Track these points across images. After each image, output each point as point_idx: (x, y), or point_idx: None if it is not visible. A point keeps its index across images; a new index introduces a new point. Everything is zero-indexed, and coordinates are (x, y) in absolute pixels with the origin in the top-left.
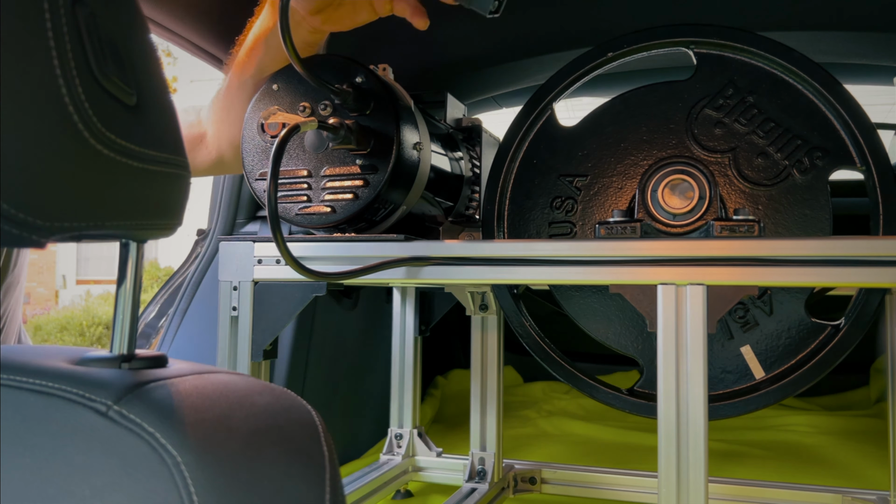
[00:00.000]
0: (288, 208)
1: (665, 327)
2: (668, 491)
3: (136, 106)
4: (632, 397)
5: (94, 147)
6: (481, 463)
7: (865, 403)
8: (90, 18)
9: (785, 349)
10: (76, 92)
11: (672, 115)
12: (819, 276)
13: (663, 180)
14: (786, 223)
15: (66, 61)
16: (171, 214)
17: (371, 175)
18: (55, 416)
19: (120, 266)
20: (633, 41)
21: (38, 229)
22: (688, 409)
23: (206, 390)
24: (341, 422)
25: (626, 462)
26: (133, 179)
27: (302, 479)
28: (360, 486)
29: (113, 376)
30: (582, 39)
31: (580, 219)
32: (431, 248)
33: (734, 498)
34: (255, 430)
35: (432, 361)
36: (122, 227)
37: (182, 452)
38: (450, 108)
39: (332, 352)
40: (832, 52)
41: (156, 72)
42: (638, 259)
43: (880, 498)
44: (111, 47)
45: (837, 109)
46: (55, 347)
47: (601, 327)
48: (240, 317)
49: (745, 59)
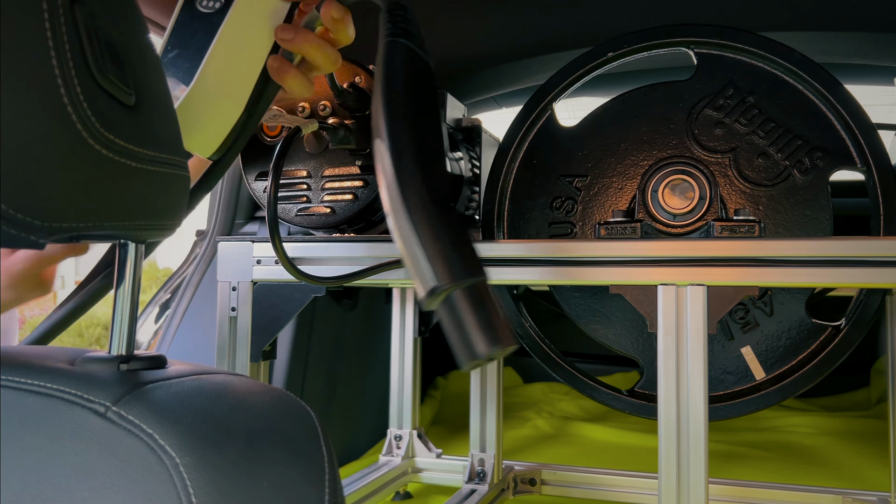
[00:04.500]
0: (287, 209)
1: (665, 328)
2: (668, 492)
3: (135, 106)
4: (632, 398)
5: (93, 147)
6: (481, 464)
7: (866, 404)
8: (89, 18)
9: (785, 350)
10: (75, 92)
11: (672, 115)
12: (819, 277)
13: (663, 180)
14: (786, 223)
15: (64, 61)
16: (171, 215)
17: (371, 175)
18: (54, 417)
19: (119, 267)
20: (633, 41)
21: (36, 230)
22: (688, 410)
23: (205, 391)
24: (340, 423)
25: (626, 463)
26: (132, 180)
27: (301, 480)
28: (359, 487)
29: (111, 377)
30: (582, 39)
31: (580, 219)
32: None
33: (734, 499)
34: (254, 431)
35: (432, 362)
36: (121, 227)
37: (181, 453)
38: (449, 109)
39: (332, 353)
40: (832, 53)
41: (155, 72)
42: (638, 259)
43: (881, 499)
44: (110, 47)
45: (838, 110)
46: (54, 348)
47: (601, 328)
48: (239, 317)
49: (745, 59)
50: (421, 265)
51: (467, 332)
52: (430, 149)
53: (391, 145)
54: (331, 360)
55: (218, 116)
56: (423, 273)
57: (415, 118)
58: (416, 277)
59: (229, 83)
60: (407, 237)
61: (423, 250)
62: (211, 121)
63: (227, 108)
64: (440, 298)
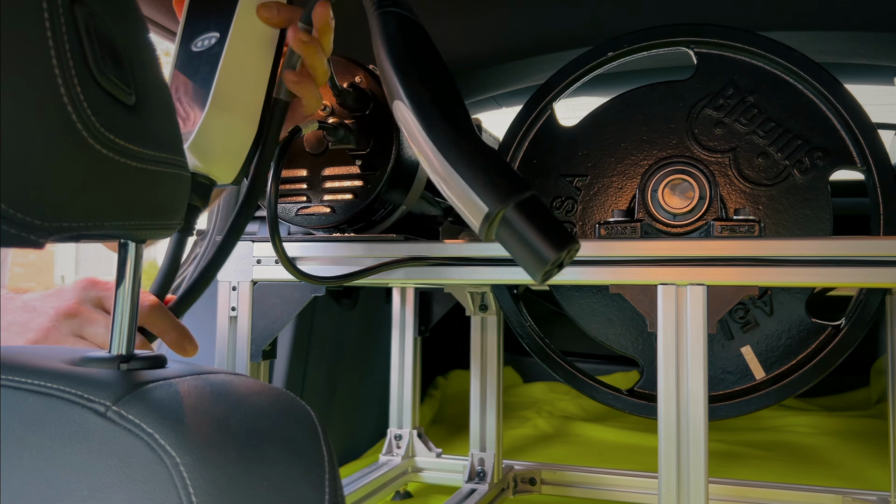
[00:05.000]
0: (287, 209)
1: (665, 327)
2: (668, 492)
3: (135, 106)
4: (632, 398)
5: (93, 147)
6: (481, 464)
7: (866, 404)
8: (89, 18)
9: (785, 349)
10: (75, 92)
11: (672, 114)
12: (819, 276)
13: (663, 180)
14: (786, 223)
15: (64, 61)
16: (171, 215)
17: (370, 175)
18: (54, 417)
19: (119, 266)
20: (633, 41)
21: (36, 229)
22: (688, 410)
23: (205, 391)
24: (340, 422)
25: (626, 463)
26: (132, 179)
27: (301, 479)
28: (359, 486)
29: (112, 377)
30: (582, 39)
31: (580, 219)
32: (431, 249)
33: (734, 499)
34: (254, 430)
35: (432, 362)
36: (121, 227)
37: (181, 453)
38: None
39: (332, 352)
40: (832, 52)
41: (155, 72)
42: (638, 259)
43: (880, 499)
44: (110, 47)
45: (838, 109)
46: (54, 348)
47: (601, 327)
48: (239, 317)
49: (745, 58)
50: (470, 197)
51: (531, 244)
52: (445, 91)
53: (411, 100)
54: (331, 360)
55: (234, 140)
56: (474, 204)
57: (424, 71)
58: (466, 212)
59: (239, 106)
60: (448, 178)
61: (466, 184)
62: (229, 145)
63: (241, 129)
64: (496, 223)
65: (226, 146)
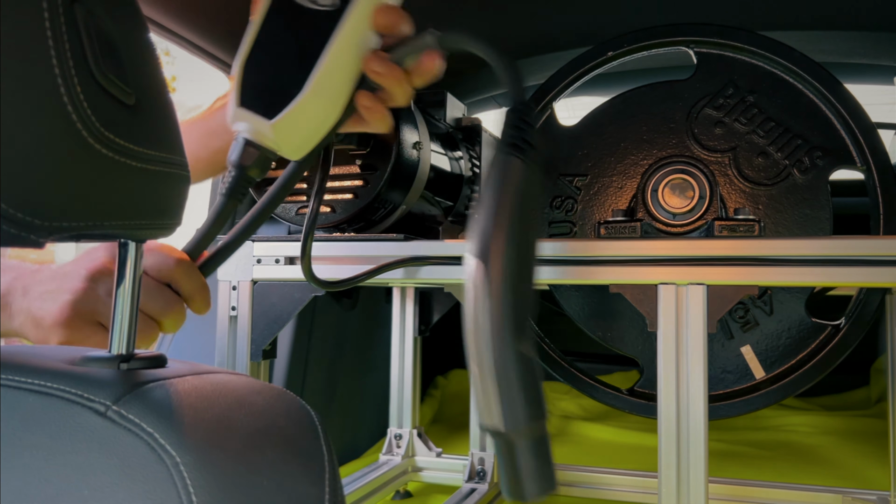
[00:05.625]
0: (287, 208)
1: (665, 327)
2: (668, 491)
3: (135, 105)
4: (632, 397)
5: (93, 147)
6: (481, 463)
7: (866, 403)
8: (88, 18)
9: (785, 349)
10: (75, 91)
11: (672, 114)
12: (819, 276)
13: (663, 180)
14: (786, 223)
15: (64, 61)
16: (171, 214)
17: (371, 174)
18: (54, 416)
19: (119, 266)
20: (633, 41)
21: (36, 229)
22: (688, 409)
23: (205, 390)
24: (341, 422)
25: (626, 462)
26: (132, 179)
27: (301, 479)
28: (359, 486)
29: (112, 376)
30: (582, 39)
31: (580, 218)
32: (431, 248)
33: (734, 498)
34: (254, 430)
35: (432, 361)
36: (121, 227)
37: (181, 453)
38: (449, 108)
39: (332, 352)
40: (832, 52)
41: (155, 71)
42: (638, 259)
43: (880, 498)
44: (110, 47)
45: (838, 109)
46: (54, 347)
47: (601, 327)
48: (239, 317)
49: (745, 58)
50: (491, 402)
51: (520, 475)
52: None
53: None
54: (331, 360)
55: (322, 122)
56: (492, 411)
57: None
58: (482, 408)
59: (335, 90)
60: (484, 371)
61: (496, 390)
62: (314, 126)
63: (330, 113)
64: (501, 437)
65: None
